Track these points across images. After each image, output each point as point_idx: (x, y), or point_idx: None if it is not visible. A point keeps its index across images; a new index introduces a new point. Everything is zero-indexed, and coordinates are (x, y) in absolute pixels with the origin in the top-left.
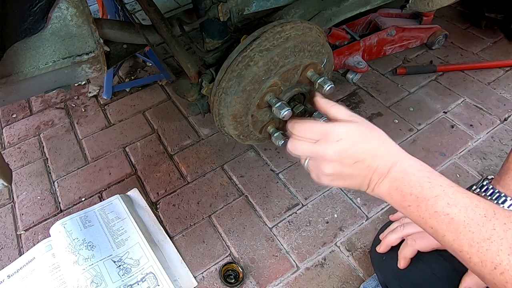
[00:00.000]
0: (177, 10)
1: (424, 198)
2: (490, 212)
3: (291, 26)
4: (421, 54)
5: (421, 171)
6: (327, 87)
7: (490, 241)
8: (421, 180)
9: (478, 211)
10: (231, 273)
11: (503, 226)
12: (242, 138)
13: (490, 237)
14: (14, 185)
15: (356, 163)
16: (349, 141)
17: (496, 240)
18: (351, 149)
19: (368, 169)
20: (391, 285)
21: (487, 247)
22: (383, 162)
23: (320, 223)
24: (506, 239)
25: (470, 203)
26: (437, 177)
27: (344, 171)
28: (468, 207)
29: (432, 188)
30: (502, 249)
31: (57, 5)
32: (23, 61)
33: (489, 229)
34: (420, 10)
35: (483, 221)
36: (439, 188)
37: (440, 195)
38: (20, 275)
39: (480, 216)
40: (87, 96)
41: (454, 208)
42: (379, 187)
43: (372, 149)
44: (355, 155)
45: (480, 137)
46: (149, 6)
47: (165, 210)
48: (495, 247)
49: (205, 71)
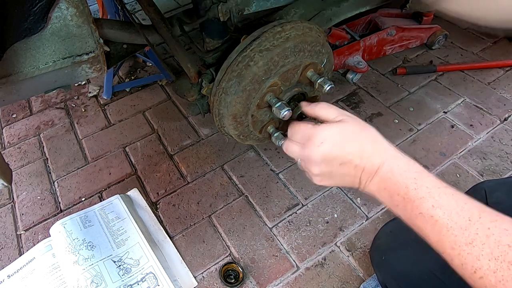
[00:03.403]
0: (177, 10)
1: (410, 199)
2: (475, 215)
3: (291, 26)
4: (421, 54)
5: (408, 171)
6: (327, 87)
7: (472, 245)
8: (407, 182)
9: (463, 214)
10: (231, 273)
11: (487, 231)
12: (242, 138)
13: (472, 241)
14: (14, 185)
15: (342, 164)
16: (332, 143)
17: (477, 245)
18: (335, 151)
19: (356, 169)
20: (391, 285)
21: (468, 251)
22: (370, 162)
23: (320, 223)
24: (488, 244)
25: (456, 205)
26: (424, 178)
27: (332, 172)
28: (452, 210)
29: (417, 189)
30: (483, 254)
31: (57, 5)
32: (23, 61)
33: (472, 233)
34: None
35: (467, 225)
36: (424, 190)
37: (425, 197)
38: (20, 275)
39: (464, 219)
40: (87, 96)
41: (438, 211)
42: (369, 186)
43: (358, 150)
44: (340, 156)
45: (480, 137)
46: (149, 6)
47: (165, 210)
48: (476, 252)
49: (205, 71)
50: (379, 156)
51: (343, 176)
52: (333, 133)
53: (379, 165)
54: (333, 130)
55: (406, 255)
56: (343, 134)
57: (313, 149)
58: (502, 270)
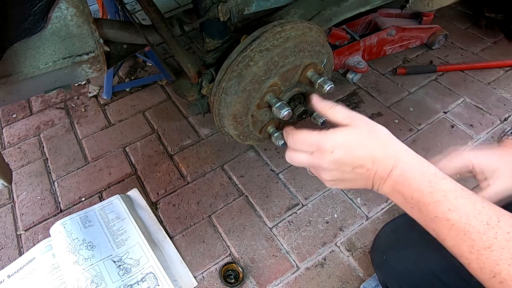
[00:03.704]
0: (177, 10)
1: (425, 203)
2: (493, 219)
3: (291, 26)
4: (421, 54)
5: (422, 174)
6: (327, 87)
7: (490, 250)
8: (422, 185)
9: (481, 218)
10: (231, 273)
11: (506, 235)
12: (242, 138)
13: (490, 245)
14: (14, 185)
15: (355, 169)
16: (344, 150)
17: (496, 249)
18: (347, 157)
19: (369, 173)
20: (391, 285)
21: (487, 255)
22: (382, 165)
23: (320, 223)
24: (508, 249)
25: (473, 209)
26: (440, 180)
27: (345, 177)
28: (470, 214)
29: (433, 193)
30: (503, 258)
31: (57, 5)
32: (23, 61)
33: (491, 237)
34: (420, 10)
35: (485, 229)
36: (440, 193)
37: (441, 201)
38: (20, 275)
39: (482, 223)
40: (87, 96)
41: (455, 214)
42: (382, 188)
43: (370, 154)
44: (352, 162)
45: (480, 137)
46: (149, 6)
47: (165, 210)
48: (495, 256)
49: (205, 71)
50: (391, 159)
51: (356, 180)
52: (343, 140)
53: (391, 168)
54: (342, 137)
55: (406, 255)
56: (353, 139)
57: (324, 157)
58: None
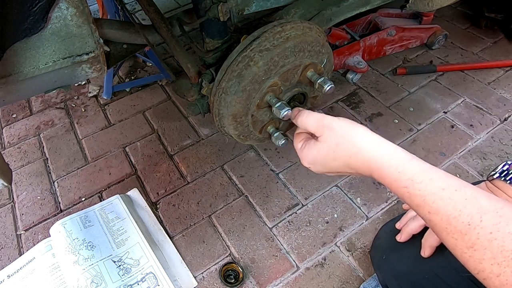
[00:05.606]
0: (177, 10)
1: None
2: (475, 219)
3: (291, 26)
4: (421, 54)
5: (398, 181)
6: (327, 87)
7: (473, 249)
8: (399, 191)
9: (462, 219)
10: (231, 273)
11: (488, 236)
12: (242, 138)
13: (473, 245)
14: (14, 185)
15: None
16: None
17: (479, 249)
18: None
19: (352, 172)
20: (391, 285)
21: (470, 254)
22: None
23: (320, 223)
24: (491, 249)
25: (453, 210)
26: (417, 185)
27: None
28: (450, 215)
29: (411, 197)
30: (485, 258)
31: (57, 5)
32: (23, 61)
33: (473, 238)
34: (420, 10)
35: (467, 230)
36: (418, 198)
37: (420, 205)
38: (20, 275)
39: (464, 224)
40: (87, 96)
41: (435, 217)
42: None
43: (343, 164)
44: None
45: (480, 137)
46: (149, 6)
47: (165, 210)
48: (478, 255)
49: (205, 71)
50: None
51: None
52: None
53: (369, 174)
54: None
55: (406, 254)
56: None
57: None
58: (506, 275)
